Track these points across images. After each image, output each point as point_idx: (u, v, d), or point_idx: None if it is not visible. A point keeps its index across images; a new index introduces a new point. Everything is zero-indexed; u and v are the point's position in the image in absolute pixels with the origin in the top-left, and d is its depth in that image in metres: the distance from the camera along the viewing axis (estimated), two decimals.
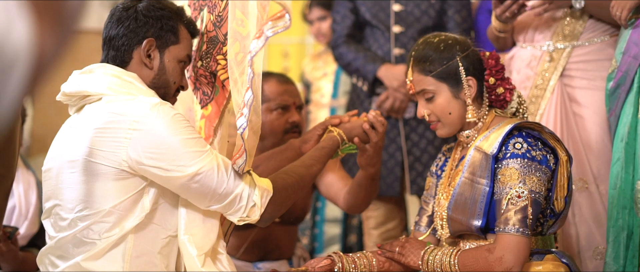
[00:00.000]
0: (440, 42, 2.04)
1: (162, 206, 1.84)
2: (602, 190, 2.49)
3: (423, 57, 2.03)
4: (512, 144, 1.93)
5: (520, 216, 1.87)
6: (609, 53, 2.54)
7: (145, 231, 1.82)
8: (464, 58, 2.01)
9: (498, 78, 2.03)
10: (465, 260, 1.91)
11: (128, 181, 1.78)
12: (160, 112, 1.77)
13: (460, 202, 1.97)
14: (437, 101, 2.02)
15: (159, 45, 1.90)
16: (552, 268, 1.93)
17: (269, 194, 1.88)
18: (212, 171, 1.78)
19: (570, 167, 1.99)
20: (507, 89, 2.04)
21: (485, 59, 2.04)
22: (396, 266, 2.08)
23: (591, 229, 2.49)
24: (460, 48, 2.02)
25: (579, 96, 2.57)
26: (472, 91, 2.01)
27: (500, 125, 1.97)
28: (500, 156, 1.93)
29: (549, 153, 1.95)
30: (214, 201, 1.81)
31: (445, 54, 2.01)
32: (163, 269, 1.86)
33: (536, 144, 1.94)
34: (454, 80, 2.00)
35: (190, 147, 1.77)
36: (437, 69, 2.00)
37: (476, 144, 1.97)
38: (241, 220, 1.86)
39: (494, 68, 2.03)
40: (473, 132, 2.04)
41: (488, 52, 2.06)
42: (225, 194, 1.80)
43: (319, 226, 3.95)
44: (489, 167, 1.92)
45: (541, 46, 2.63)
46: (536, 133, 1.96)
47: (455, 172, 2.07)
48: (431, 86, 2.01)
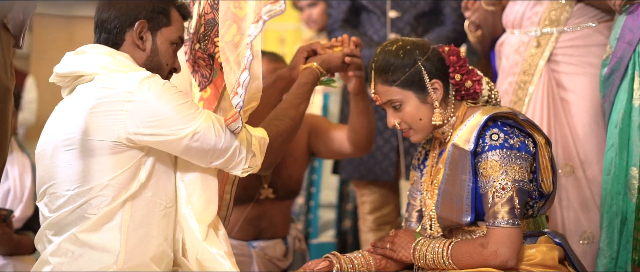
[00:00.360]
0: (398, 49, 2.01)
1: (158, 178, 1.87)
2: (589, 175, 2.50)
3: (384, 67, 2.00)
4: (488, 136, 1.92)
5: (507, 208, 1.87)
6: (597, 39, 2.55)
7: (142, 203, 1.84)
8: (426, 61, 1.99)
9: (463, 73, 2.01)
10: (459, 255, 1.91)
11: (124, 154, 1.81)
12: (151, 83, 1.81)
13: (447, 200, 1.96)
14: (406, 109, 2.00)
15: (151, 27, 1.93)
16: (546, 250, 1.94)
17: (266, 141, 1.94)
18: (208, 128, 1.83)
19: (550, 149, 1.99)
20: (475, 81, 2.02)
21: (446, 57, 2.02)
22: (392, 263, 2.08)
23: (578, 214, 2.50)
24: (420, 52, 2.00)
25: (565, 82, 2.57)
26: (439, 94, 2.00)
27: (475, 117, 1.95)
28: (479, 150, 1.92)
29: (527, 137, 1.94)
30: (215, 157, 1.86)
31: (406, 61, 1.99)
32: (162, 241, 1.87)
33: (512, 131, 1.93)
34: (419, 86, 1.99)
35: (184, 111, 1.82)
36: (400, 78, 1.99)
37: (453, 140, 1.96)
38: (244, 172, 1.90)
39: (456, 64, 2.01)
40: (448, 128, 2.03)
41: (447, 47, 2.04)
42: (225, 148, 1.85)
43: (313, 211, 3.96)
44: (469, 164, 1.92)
45: (528, 31, 2.64)
46: (511, 121, 1.95)
47: (436, 170, 2.06)
48: (397, 96, 2.00)
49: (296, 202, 3.95)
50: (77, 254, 1.80)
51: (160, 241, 1.87)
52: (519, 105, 2.61)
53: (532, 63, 2.61)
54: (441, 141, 2.08)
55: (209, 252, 1.86)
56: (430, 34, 3.15)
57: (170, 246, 1.90)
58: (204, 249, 1.86)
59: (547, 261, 1.92)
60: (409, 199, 2.19)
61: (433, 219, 2.04)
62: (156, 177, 1.86)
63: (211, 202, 1.92)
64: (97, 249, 1.80)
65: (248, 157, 1.89)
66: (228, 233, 2.64)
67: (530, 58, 2.61)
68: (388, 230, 3.24)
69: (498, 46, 2.78)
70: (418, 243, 1.98)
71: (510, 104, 2.64)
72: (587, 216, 2.49)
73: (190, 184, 1.90)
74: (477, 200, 1.93)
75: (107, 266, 1.80)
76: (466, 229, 2.00)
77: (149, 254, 1.85)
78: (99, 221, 1.81)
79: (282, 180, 2.71)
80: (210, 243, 1.87)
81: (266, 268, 2.70)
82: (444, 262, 1.93)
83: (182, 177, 1.90)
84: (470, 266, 1.90)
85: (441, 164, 2.02)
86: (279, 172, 2.70)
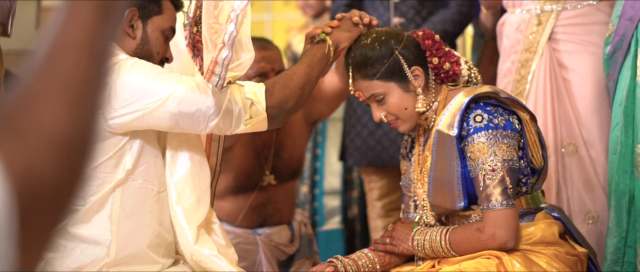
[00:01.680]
0: (374, 41, 1.97)
1: (147, 164, 1.83)
2: (593, 154, 2.48)
3: (362, 62, 1.96)
4: (472, 118, 1.88)
5: (500, 189, 1.84)
6: (597, 17, 2.52)
7: (132, 190, 1.81)
8: (403, 49, 1.95)
9: (440, 56, 1.98)
10: (457, 241, 1.88)
11: (107, 141, 1.78)
12: (121, 66, 1.77)
13: (438, 187, 1.94)
14: (390, 101, 1.96)
15: (142, 16, 1.90)
16: (545, 227, 1.91)
17: (261, 87, 1.86)
18: (192, 89, 1.76)
19: (535, 123, 1.96)
20: (453, 62, 1.98)
21: (421, 41, 1.99)
22: (395, 257, 2.05)
23: (581, 194, 2.48)
24: (395, 41, 1.96)
25: (566, 60, 2.55)
26: (421, 80, 1.96)
27: (457, 99, 1.92)
28: (464, 133, 1.89)
29: (511, 115, 1.91)
30: (209, 118, 1.78)
31: (383, 52, 1.95)
32: (156, 226, 1.85)
33: (496, 111, 1.89)
34: (400, 75, 1.95)
35: (163, 79, 1.77)
36: (380, 70, 1.95)
37: (438, 126, 1.92)
38: (248, 123, 1.82)
39: (432, 47, 1.97)
40: (431, 114, 1.99)
41: (421, 31, 2.00)
42: (216, 104, 1.77)
43: (318, 199, 3.94)
44: (456, 149, 1.88)
45: (529, 9, 2.61)
46: (493, 100, 1.92)
47: (423, 157, 2.03)
48: (380, 89, 1.96)
49: (300, 191, 3.93)
50: (69, 248, 1.78)
51: (154, 227, 1.85)
52: (522, 84, 2.59)
53: (534, 41, 2.58)
54: (425, 127, 2.05)
55: (202, 253, 1.82)
56: (435, 16, 3.12)
57: (167, 230, 1.87)
58: (196, 251, 1.82)
59: (547, 238, 1.90)
60: (403, 190, 2.16)
61: (426, 207, 2.01)
62: (145, 163, 1.83)
63: (202, 202, 1.86)
64: (88, 241, 1.78)
65: (246, 107, 1.82)
66: (232, 222, 2.64)
67: (531, 36, 2.59)
68: (397, 216, 3.22)
69: (499, 26, 2.76)
70: (415, 233, 1.96)
71: (513, 83, 2.62)
72: (591, 196, 2.47)
73: (180, 182, 1.85)
74: (468, 184, 1.90)
75: (99, 258, 1.78)
76: (461, 214, 1.97)
77: (145, 242, 1.83)
78: (87, 212, 1.78)
79: (284, 162, 2.69)
80: (201, 245, 1.82)
81: (273, 255, 2.68)
82: (442, 250, 1.90)
83: (172, 176, 1.85)
84: (470, 251, 1.88)
85: (428, 151, 1.99)
86: (280, 156, 2.68)
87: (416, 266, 2.00)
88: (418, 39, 2.00)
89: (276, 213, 2.72)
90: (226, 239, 1.91)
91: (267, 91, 1.85)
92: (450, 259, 1.93)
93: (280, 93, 1.87)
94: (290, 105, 1.89)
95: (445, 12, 3.14)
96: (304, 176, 3.94)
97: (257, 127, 1.86)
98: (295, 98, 1.90)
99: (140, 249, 1.82)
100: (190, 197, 1.85)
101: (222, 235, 1.91)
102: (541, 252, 1.88)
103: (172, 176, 1.85)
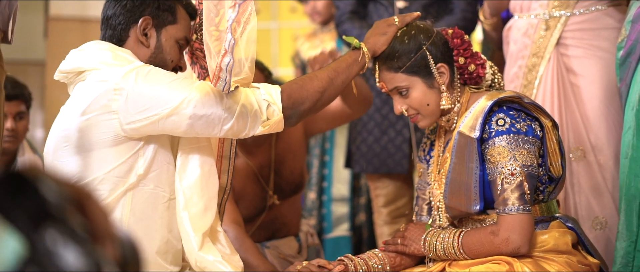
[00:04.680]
0: (403, 35, 1.98)
1: (160, 170, 1.84)
2: (601, 159, 2.47)
3: (389, 54, 1.97)
4: (494, 122, 1.88)
5: (517, 194, 1.83)
6: (606, 22, 2.52)
7: (143, 196, 1.82)
8: (431, 45, 1.96)
9: (467, 56, 1.98)
10: (470, 244, 1.88)
11: (122, 145, 1.79)
12: (137, 72, 1.79)
13: (455, 189, 1.93)
14: (413, 95, 1.96)
15: (156, 24, 1.91)
16: (558, 235, 1.90)
17: (277, 89, 1.86)
18: (207, 94, 1.78)
19: (557, 131, 1.96)
20: (478, 65, 1.98)
21: (450, 39, 1.99)
22: (407, 258, 2.05)
23: (589, 199, 2.47)
24: (424, 36, 1.96)
25: (575, 65, 2.54)
26: (445, 78, 1.96)
27: (480, 102, 1.92)
28: (486, 136, 1.88)
29: (533, 121, 1.91)
30: (224, 121, 1.79)
31: (411, 46, 1.95)
32: (165, 233, 1.85)
33: (518, 115, 1.89)
34: (425, 71, 1.95)
35: (177, 85, 1.78)
36: (406, 64, 1.95)
37: (459, 128, 1.92)
38: (266, 125, 1.83)
39: (460, 47, 1.98)
40: (453, 115, 1.99)
41: (451, 30, 2.01)
42: (230, 107, 1.78)
43: (326, 205, 3.93)
44: (476, 151, 1.88)
45: (537, 14, 2.60)
46: (516, 105, 1.91)
47: (443, 159, 2.03)
48: (404, 82, 1.96)
49: (308, 198, 3.93)
50: None
51: (164, 233, 1.85)
52: (529, 89, 2.59)
53: (542, 45, 2.58)
54: (446, 129, 2.05)
55: (206, 260, 1.82)
56: (439, 22, 3.12)
57: (176, 237, 1.87)
58: (200, 257, 1.82)
59: (560, 246, 1.89)
60: (418, 193, 2.16)
61: (441, 209, 2.01)
62: (157, 169, 1.84)
63: (208, 209, 1.86)
64: None
65: (262, 109, 1.82)
66: None
67: (539, 41, 2.59)
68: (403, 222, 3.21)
69: (505, 31, 2.76)
70: (428, 234, 1.95)
71: (520, 88, 2.61)
72: (599, 201, 2.46)
73: (188, 189, 1.85)
74: (486, 188, 1.90)
75: None
76: (475, 218, 1.96)
77: (153, 248, 1.83)
78: None
79: (285, 179, 2.69)
80: (206, 251, 1.82)
81: (281, 267, 2.68)
82: (454, 252, 1.90)
83: (181, 182, 1.85)
84: (482, 255, 1.87)
85: (448, 152, 1.99)
86: (280, 173, 2.68)
87: (427, 268, 1.99)
88: (447, 37, 2.00)
89: (283, 227, 2.73)
90: (231, 248, 1.91)
91: (283, 92, 1.85)
92: (460, 262, 1.92)
93: (296, 94, 1.87)
94: (306, 107, 1.89)
95: (449, 18, 3.14)
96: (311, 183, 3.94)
97: (275, 128, 1.86)
98: (312, 101, 1.89)
99: (148, 254, 1.82)
100: (197, 204, 1.85)
101: (227, 244, 1.91)
102: (553, 259, 1.87)
103: (181, 182, 1.85)
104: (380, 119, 3.17)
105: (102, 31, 1.94)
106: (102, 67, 1.83)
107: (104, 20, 1.93)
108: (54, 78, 1.93)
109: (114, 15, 1.90)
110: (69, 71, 1.88)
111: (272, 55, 6.07)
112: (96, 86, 1.80)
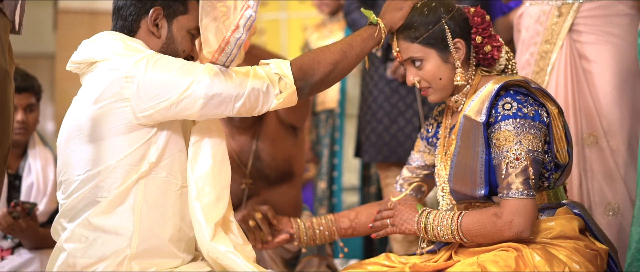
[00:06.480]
0: (423, 6, 1.99)
1: (172, 158, 1.85)
2: (613, 145, 2.46)
3: (407, 23, 1.98)
4: (501, 106, 1.88)
5: (522, 178, 1.83)
6: (617, 9, 2.51)
7: (156, 183, 1.83)
8: (450, 20, 1.96)
9: (485, 36, 1.98)
10: (470, 224, 1.87)
11: (135, 133, 1.80)
12: (148, 60, 1.80)
13: (460, 173, 1.93)
14: (426, 67, 1.97)
15: (167, 15, 1.92)
16: (565, 222, 1.90)
17: (286, 62, 1.86)
18: (216, 74, 1.79)
19: (563, 118, 1.96)
20: (494, 47, 1.98)
21: (470, 17, 1.99)
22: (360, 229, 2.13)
23: (602, 185, 2.46)
24: (444, 10, 1.97)
25: (587, 52, 2.53)
26: (461, 53, 1.96)
27: (487, 87, 1.92)
28: (492, 120, 1.88)
29: (540, 107, 1.90)
30: (236, 99, 1.80)
31: (430, 18, 1.96)
32: (178, 221, 1.86)
33: (526, 100, 1.89)
34: (442, 44, 1.96)
35: (186, 70, 1.79)
36: (423, 35, 1.96)
37: (465, 111, 1.92)
38: (280, 97, 1.83)
39: (480, 26, 1.97)
40: (461, 97, 2.00)
41: (473, 8, 2.01)
42: (240, 84, 1.80)
43: (336, 195, 3.94)
44: (482, 135, 1.88)
45: (549, 1, 2.60)
46: (523, 90, 1.91)
47: (449, 141, 2.03)
48: (419, 53, 1.97)
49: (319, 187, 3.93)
50: (91, 238, 1.80)
51: (176, 221, 1.86)
52: (541, 76, 2.58)
53: (554, 32, 2.58)
54: (454, 110, 2.05)
55: (218, 250, 1.82)
56: None
57: (188, 225, 1.88)
58: (212, 248, 1.82)
59: (567, 232, 1.88)
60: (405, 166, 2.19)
61: (446, 191, 2.01)
62: (170, 156, 1.84)
63: (221, 199, 1.87)
64: (110, 232, 1.80)
65: (274, 82, 1.83)
66: None
67: (551, 27, 2.58)
68: None
69: (516, 18, 2.76)
70: (421, 215, 1.93)
71: (532, 75, 2.61)
72: (612, 187, 2.45)
73: (200, 179, 1.85)
74: (492, 173, 1.89)
75: (121, 249, 1.80)
76: (479, 204, 1.96)
77: (166, 236, 1.84)
78: (110, 203, 1.80)
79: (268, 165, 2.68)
80: (218, 242, 1.82)
81: (276, 254, 2.67)
82: (452, 234, 1.88)
83: (193, 172, 1.86)
84: (482, 236, 1.87)
85: (453, 135, 1.99)
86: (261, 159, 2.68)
87: (419, 248, 1.99)
88: (468, 15, 2.00)
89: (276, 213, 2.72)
90: (243, 238, 1.91)
91: (293, 65, 1.86)
92: (467, 250, 1.92)
93: (307, 66, 1.88)
94: (317, 79, 1.89)
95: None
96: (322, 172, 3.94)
97: (289, 101, 1.86)
98: (323, 72, 1.90)
99: (161, 242, 1.83)
100: (209, 194, 1.85)
101: (240, 234, 1.91)
102: (561, 245, 1.87)
103: (193, 172, 1.86)
104: (389, 108, 3.16)
105: (113, 22, 1.94)
106: (114, 57, 1.83)
107: (115, 10, 1.94)
108: (67, 69, 1.94)
109: (125, 5, 1.91)
110: (81, 62, 1.88)
111: (281, 46, 6.07)
112: (108, 75, 1.80)
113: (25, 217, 2.66)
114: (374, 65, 3.23)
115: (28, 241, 2.75)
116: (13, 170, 2.87)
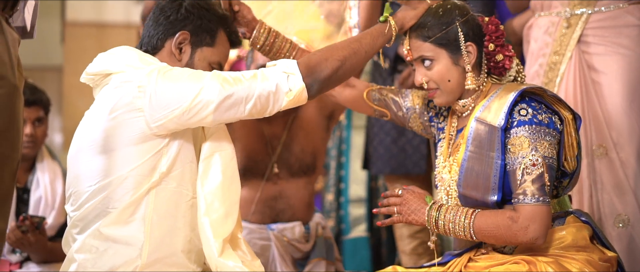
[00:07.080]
0: (438, 7, 2.00)
1: (183, 169, 1.86)
2: (623, 157, 2.45)
3: (421, 23, 1.99)
4: (517, 112, 1.88)
5: (538, 185, 1.83)
6: (626, 20, 2.51)
7: (166, 194, 1.84)
8: (463, 23, 1.97)
9: (498, 44, 1.98)
10: (482, 224, 1.85)
11: (147, 143, 1.81)
12: (160, 70, 1.81)
13: (471, 178, 1.91)
14: (436, 68, 1.97)
15: (193, 42, 1.94)
16: (575, 231, 1.90)
17: (293, 61, 1.87)
18: (225, 80, 1.80)
19: (576, 124, 1.95)
20: (506, 56, 1.98)
21: (484, 25, 2.00)
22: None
23: (611, 197, 2.45)
24: (459, 13, 1.98)
25: (596, 63, 2.54)
26: (472, 57, 1.97)
27: (499, 93, 1.92)
28: (508, 126, 1.88)
29: (554, 114, 1.91)
30: (247, 101, 1.81)
31: (444, 19, 1.97)
32: (188, 232, 1.87)
33: (541, 107, 1.90)
34: (453, 46, 1.96)
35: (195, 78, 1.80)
36: (436, 35, 1.96)
37: (476, 115, 1.92)
38: (290, 95, 1.84)
39: (493, 34, 1.98)
40: (470, 101, 2.00)
41: (487, 18, 2.02)
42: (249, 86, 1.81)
43: (344, 207, 3.94)
44: (499, 140, 1.87)
45: (558, 12, 2.60)
46: (538, 97, 1.92)
47: (455, 144, 2.02)
48: (429, 52, 1.97)
49: (326, 199, 3.93)
50: (102, 249, 1.80)
51: (187, 232, 1.86)
52: (550, 87, 2.59)
53: (563, 43, 2.58)
54: (459, 114, 2.04)
55: (226, 265, 1.82)
56: None
57: (198, 236, 1.87)
58: (221, 263, 1.82)
59: (579, 242, 1.89)
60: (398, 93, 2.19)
61: (451, 195, 1.99)
62: (181, 167, 1.85)
63: (230, 215, 1.87)
64: (121, 242, 1.80)
65: (283, 80, 1.83)
66: (244, 217, 2.65)
67: (560, 38, 2.59)
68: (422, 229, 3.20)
69: (526, 30, 2.76)
70: (432, 209, 1.90)
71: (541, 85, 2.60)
72: (622, 199, 2.44)
73: (209, 194, 1.85)
74: (505, 179, 1.88)
75: (132, 259, 1.80)
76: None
77: (177, 246, 1.85)
78: (121, 214, 1.80)
79: (295, 155, 2.69)
80: (226, 257, 1.83)
81: (286, 252, 2.67)
82: (463, 232, 1.87)
83: (202, 187, 1.86)
84: (494, 238, 1.86)
85: (461, 139, 1.98)
86: (290, 148, 2.68)
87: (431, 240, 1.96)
88: (482, 23, 2.01)
89: (288, 209, 2.71)
90: (252, 254, 1.91)
91: (299, 63, 1.87)
92: (478, 263, 1.91)
93: (314, 63, 1.88)
94: (325, 75, 1.89)
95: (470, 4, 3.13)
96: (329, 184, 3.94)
97: (299, 98, 1.86)
98: (331, 68, 1.89)
99: (172, 252, 1.83)
100: (218, 210, 1.85)
101: (248, 250, 1.91)
102: (574, 258, 1.86)
103: (203, 187, 1.86)
104: None
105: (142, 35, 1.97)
106: (128, 69, 1.84)
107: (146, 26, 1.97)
108: (81, 80, 1.95)
109: (156, 23, 1.94)
110: (95, 73, 1.89)
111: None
112: (121, 86, 1.82)
113: (33, 231, 2.67)
114: (382, 77, 3.23)
115: (36, 254, 2.76)
116: (21, 184, 2.88)
